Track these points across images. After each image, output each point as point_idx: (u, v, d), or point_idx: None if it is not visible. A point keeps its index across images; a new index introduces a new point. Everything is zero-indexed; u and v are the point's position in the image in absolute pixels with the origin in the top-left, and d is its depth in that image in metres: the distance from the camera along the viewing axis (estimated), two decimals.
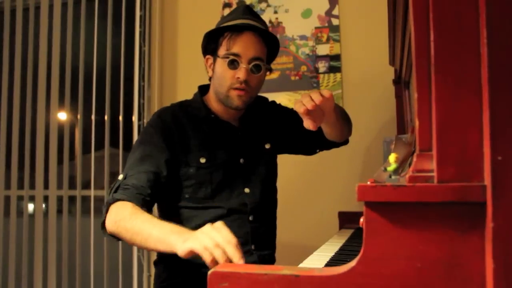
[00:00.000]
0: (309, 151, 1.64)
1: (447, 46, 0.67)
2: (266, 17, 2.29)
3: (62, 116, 2.64)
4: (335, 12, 2.25)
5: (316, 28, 2.27)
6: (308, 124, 1.18)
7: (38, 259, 2.53)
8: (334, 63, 2.23)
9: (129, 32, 2.46)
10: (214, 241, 0.92)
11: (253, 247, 1.40)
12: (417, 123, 0.71)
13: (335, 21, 2.25)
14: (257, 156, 1.48)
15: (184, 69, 2.47)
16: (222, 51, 1.36)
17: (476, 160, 0.65)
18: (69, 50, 2.57)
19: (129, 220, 1.12)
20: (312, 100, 1.14)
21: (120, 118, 2.45)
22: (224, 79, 1.36)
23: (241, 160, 1.44)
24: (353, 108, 2.19)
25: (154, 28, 2.48)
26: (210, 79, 1.46)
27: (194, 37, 2.47)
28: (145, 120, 2.41)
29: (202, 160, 1.36)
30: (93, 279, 2.42)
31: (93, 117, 2.50)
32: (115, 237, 1.20)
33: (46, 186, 2.57)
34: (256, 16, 1.42)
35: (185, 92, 2.44)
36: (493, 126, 0.62)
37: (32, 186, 2.58)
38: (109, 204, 1.20)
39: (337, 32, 2.24)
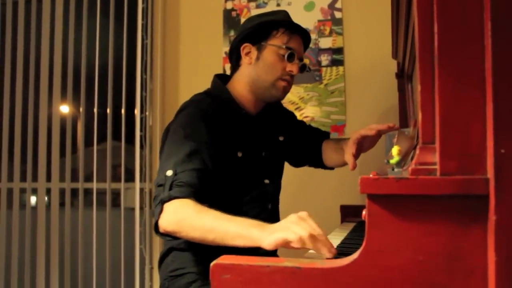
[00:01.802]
0: (298, 163, 1.70)
1: (451, 39, 0.66)
2: (269, 9, 2.28)
3: (65, 109, 2.63)
4: (338, 5, 2.24)
5: (319, 21, 2.26)
6: (349, 157, 1.36)
7: (40, 251, 2.54)
8: (337, 56, 2.23)
9: (131, 25, 2.45)
10: (308, 232, 0.89)
11: None
12: (420, 115, 0.71)
13: (338, 14, 2.24)
14: (274, 148, 1.54)
15: (186, 62, 2.46)
16: (277, 42, 1.40)
17: (479, 153, 0.65)
18: (71, 43, 2.56)
19: (196, 217, 1.08)
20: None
21: (123, 111, 2.45)
22: (275, 69, 1.40)
23: (263, 153, 1.49)
24: (356, 102, 2.19)
25: (157, 21, 2.48)
26: (234, 67, 1.48)
27: (196, 30, 2.48)
28: (147, 113, 2.41)
29: (239, 154, 1.40)
30: (95, 271, 2.43)
31: (95, 110, 2.50)
32: (170, 236, 1.15)
33: (48, 179, 2.57)
34: None
35: (188, 84, 2.45)
36: (497, 119, 0.62)
37: (35, 178, 2.59)
38: (164, 202, 1.14)
39: (340, 25, 2.23)
